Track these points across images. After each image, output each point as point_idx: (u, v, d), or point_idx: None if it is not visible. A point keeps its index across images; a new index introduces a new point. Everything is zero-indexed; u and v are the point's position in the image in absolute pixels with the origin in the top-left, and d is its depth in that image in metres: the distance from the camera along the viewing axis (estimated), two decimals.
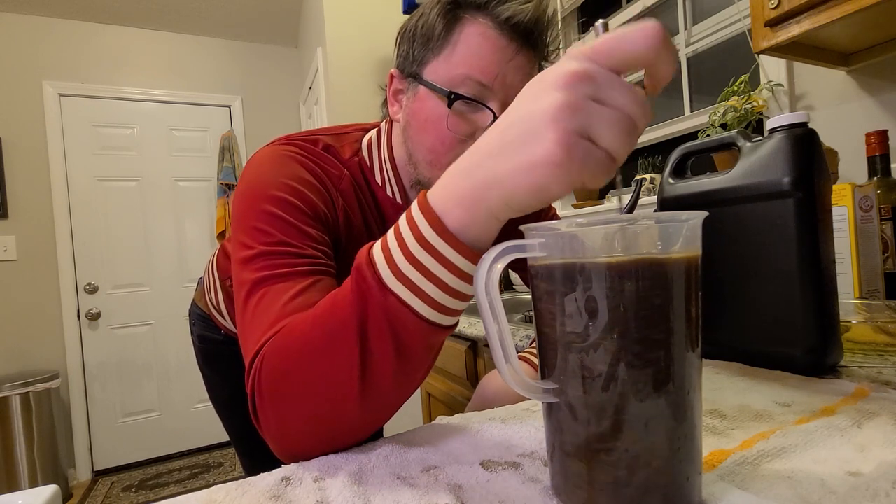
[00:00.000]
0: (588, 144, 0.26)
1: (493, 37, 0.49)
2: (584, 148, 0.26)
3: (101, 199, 2.72)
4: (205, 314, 0.94)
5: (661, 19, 1.67)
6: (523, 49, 0.51)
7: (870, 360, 0.50)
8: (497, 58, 0.50)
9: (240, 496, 0.31)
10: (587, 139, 0.26)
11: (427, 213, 0.32)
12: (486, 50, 0.49)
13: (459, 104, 0.51)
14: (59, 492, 0.37)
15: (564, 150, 0.26)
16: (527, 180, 0.28)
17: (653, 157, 1.64)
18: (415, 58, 0.54)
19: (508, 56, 0.50)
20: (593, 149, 0.26)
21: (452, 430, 0.40)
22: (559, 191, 0.27)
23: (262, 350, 0.39)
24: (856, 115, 0.99)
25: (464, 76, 0.50)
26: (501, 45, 0.49)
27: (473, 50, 0.50)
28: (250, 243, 0.48)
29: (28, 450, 2.26)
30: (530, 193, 0.28)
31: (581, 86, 0.26)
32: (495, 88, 0.50)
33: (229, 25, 2.89)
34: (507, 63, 0.50)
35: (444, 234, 0.32)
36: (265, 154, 0.56)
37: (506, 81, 0.50)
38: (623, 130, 0.26)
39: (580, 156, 0.26)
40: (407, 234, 0.33)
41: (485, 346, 1.12)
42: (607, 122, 0.26)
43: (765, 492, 0.26)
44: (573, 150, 0.26)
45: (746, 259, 0.49)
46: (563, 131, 0.25)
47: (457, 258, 0.32)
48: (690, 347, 0.24)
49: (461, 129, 0.52)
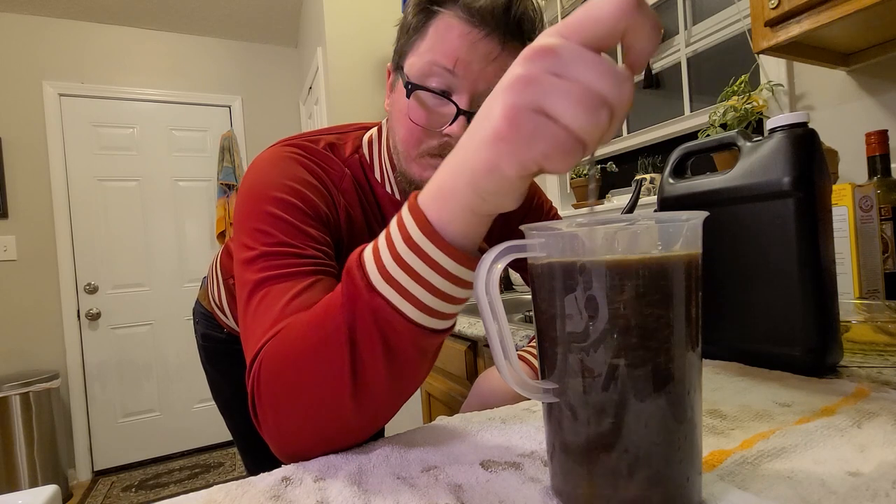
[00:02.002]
0: (540, 119, 0.24)
1: (457, 25, 0.49)
2: (534, 122, 0.24)
3: (101, 199, 2.72)
4: (208, 313, 0.94)
5: (661, 19, 1.66)
6: (493, 35, 0.49)
7: (870, 360, 0.50)
8: (460, 43, 0.48)
9: (240, 496, 0.31)
10: (542, 114, 0.24)
11: (415, 213, 0.32)
12: (450, 36, 0.49)
13: (422, 95, 0.51)
14: (59, 492, 0.37)
15: (509, 122, 0.25)
16: (479, 158, 0.27)
17: (653, 157, 1.64)
18: (399, 51, 0.55)
19: (472, 41, 0.48)
20: (547, 124, 0.24)
21: (452, 430, 0.40)
22: (511, 170, 0.26)
23: (262, 351, 0.40)
24: (856, 115, 0.99)
25: (429, 63, 0.50)
26: (465, 32, 0.48)
27: (438, 38, 0.49)
28: (252, 244, 0.48)
29: (28, 450, 2.26)
30: (486, 175, 0.27)
31: (540, 60, 0.24)
32: (459, 74, 0.49)
33: (229, 25, 2.89)
34: (472, 49, 0.48)
35: (431, 234, 0.31)
36: (267, 156, 0.56)
37: (472, 68, 0.49)
38: (585, 106, 0.23)
39: (529, 130, 0.24)
40: (395, 235, 0.33)
41: (485, 345, 1.12)
42: (565, 96, 0.24)
43: (765, 492, 0.26)
44: (520, 123, 0.24)
45: (746, 259, 0.49)
46: (511, 103, 0.24)
47: (443, 259, 0.32)
48: (690, 347, 0.24)
49: (422, 120, 0.51)
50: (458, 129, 0.50)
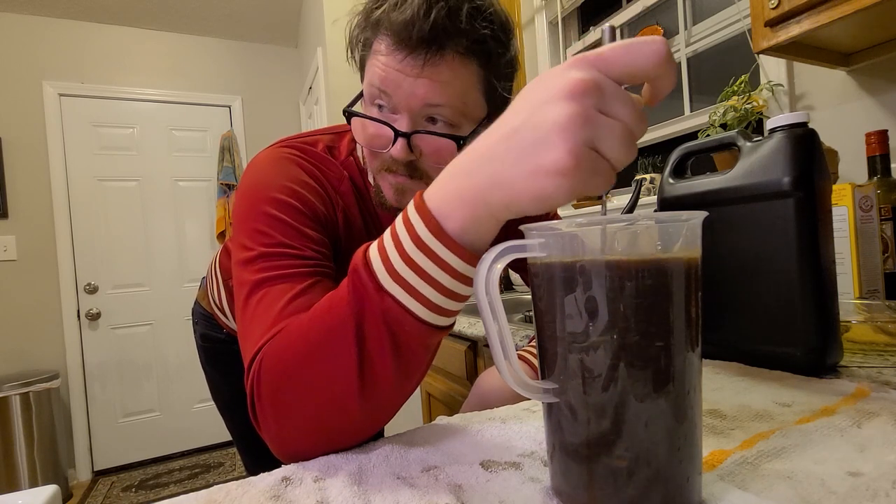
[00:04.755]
0: (595, 155, 0.27)
1: (384, 48, 0.49)
2: (592, 159, 0.26)
3: (101, 199, 2.72)
4: (208, 313, 0.94)
5: (662, 19, 1.66)
6: (414, 55, 0.47)
7: (870, 360, 0.50)
8: (388, 64, 0.48)
9: (240, 496, 0.31)
10: (595, 151, 0.27)
11: (423, 214, 0.32)
12: (379, 59, 0.49)
13: (361, 119, 0.52)
14: (59, 492, 0.37)
15: (575, 160, 0.26)
16: (533, 186, 0.28)
17: (653, 157, 1.64)
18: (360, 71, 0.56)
19: (397, 62, 0.48)
20: (599, 160, 0.27)
21: (452, 430, 0.40)
22: (564, 199, 0.28)
23: (261, 351, 0.40)
24: (856, 115, 0.99)
25: (370, 86, 0.51)
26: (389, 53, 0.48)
27: (374, 62, 0.50)
28: (250, 245, 0.48)
29: (28, 450, 2.26)
30: (534, 199, 0.28)
31: (590, 96, 0.26)
32: (393, 95, 0.49)
33: (229, 25, 2.89)
34: (397, 70, 0.48)
35: (441, 236, 0.32)
36: (265, 157, 0.56)
37: (402, 88, 0.48)
38: (626, 143, 0.27)
39: (588, 166, 0.26)
40: (403, 236, 0.33)
41: (485, 345, 1.12)
42: (612, 134, 0.26)
43: (765, 492, 0.26)
44: (582, 160, 0.26)
45: (746, 259, 0.49)
46: (574, 142, 0.26)
47: (454, 259, 0.32)
48: (690, 347, 0.24)
49: (365, 143, 0.53)
50: (398, 153, 0.50)
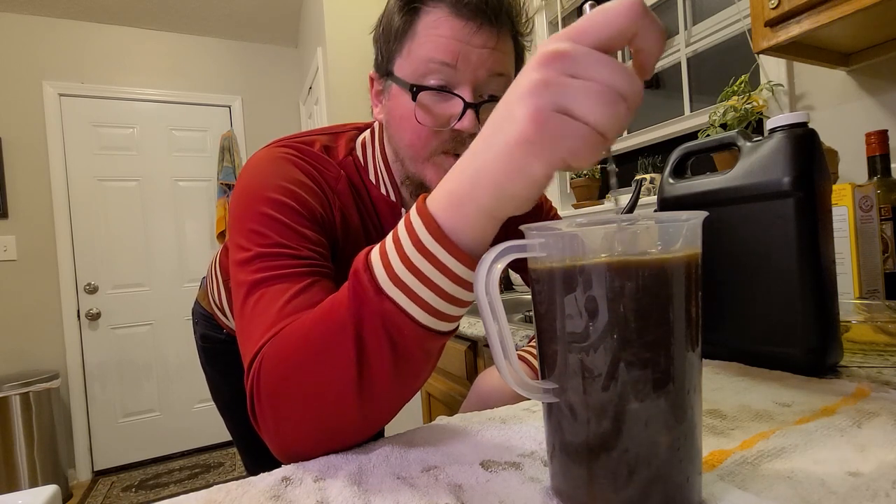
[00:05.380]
0: (564, 118, 0.25)
1: (448, 20, 0.49)
2: (559, 122, 0.25)
3: (101, 199, 2.72)
4: (208, 314, 0.94)
5: (661, 19, 1.68)
6: (484, 27, 0.49)
7: (870, 360, 0.50)
8: (456, 37, 0.49)
9: (240, 496, 0.31)
10: (564, 114, 0.25)
11: (424, 218, 0.32)
12: (443, 32, 0.49)
13: (425, 95, 0.51)
14: (59, 492, 0.37)
15: (536, 125, 0.25)
16: (506, 163, 0.27)
17: (653, 157, 1.64)
18: (385, 56, 0.55)
19: (468, 34, 0.49)
20: (571, 122, 0.25)
21: (452, 430, 0.40)
22: (541, 170, 0.27)
23: (261, 352, 0.39)
24: (856, 115, 0.99)
25: (426, 60, 0.50)
26: (458, 26, 0.49)
27: (432, 36, 0.50)
28: (247, 245, 0.48)
29: (28, 450, 2.26)
30: (513, 178, 0.28)
31: (556, 63, 0.25)
32: (460, 68, 0.49)
33: (229, 25, 2.89)
34: (467, 42, 0.49)
35: (442, 239, 0.32)
36: (261, 157, 0.56)
37: (470, 60, 0.49)
38: (604, 101, 0.25)
39: (555, 130, 0.25)
40: (405, 239, 0.33)
41: (485, 346, 1.12)
42: (584, 94, 0.25)
43: (765, 492, 0.26)
44: (547, 124, 0.25)
45: (746, 259, 0.49)
46: (535, 107, 0.25)
47: (454, 264, 0.32)
48: (690, 347, 0.24)
49: (430, 121, 0.52)
50: (469, 123, 0.50)
